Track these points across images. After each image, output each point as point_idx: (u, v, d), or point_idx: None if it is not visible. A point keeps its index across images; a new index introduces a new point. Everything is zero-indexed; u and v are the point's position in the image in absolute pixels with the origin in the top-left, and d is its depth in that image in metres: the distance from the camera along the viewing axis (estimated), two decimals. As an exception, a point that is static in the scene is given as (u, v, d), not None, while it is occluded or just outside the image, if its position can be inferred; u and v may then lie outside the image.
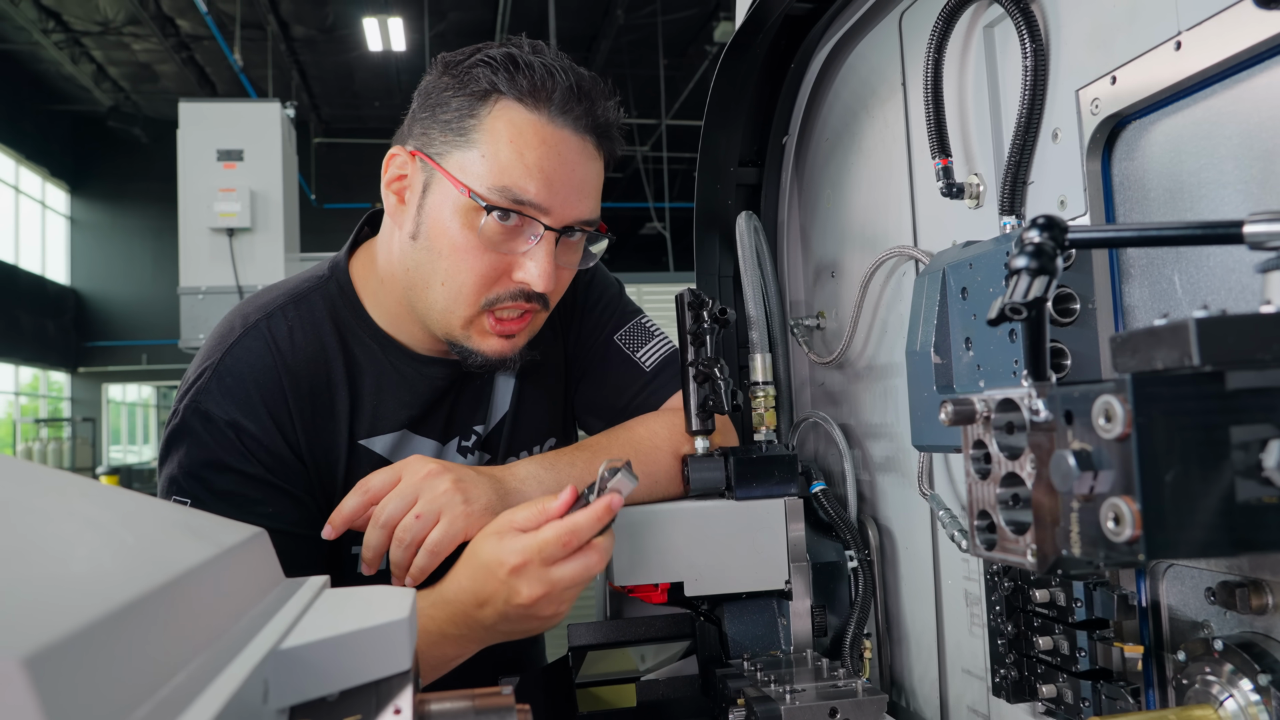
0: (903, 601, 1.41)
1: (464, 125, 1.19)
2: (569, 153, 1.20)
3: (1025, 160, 1.06)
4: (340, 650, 0.53)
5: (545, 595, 1.05)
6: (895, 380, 1.41)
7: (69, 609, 0.36)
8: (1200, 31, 0.82)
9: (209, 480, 1.19)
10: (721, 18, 12.36)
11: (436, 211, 1.21)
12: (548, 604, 1.06)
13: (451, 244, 1.20)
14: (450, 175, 1.19)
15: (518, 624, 1.09)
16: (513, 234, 1.20)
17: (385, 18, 11.26)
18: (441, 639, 1.11)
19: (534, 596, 1.04)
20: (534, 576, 1.04)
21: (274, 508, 1.20)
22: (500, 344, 1.26)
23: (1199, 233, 0.66)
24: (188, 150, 5.57)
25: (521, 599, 1.05)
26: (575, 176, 1.21)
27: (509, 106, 1.18)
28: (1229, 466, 0.54)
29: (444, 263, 1.21)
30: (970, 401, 0.68)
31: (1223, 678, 0.78)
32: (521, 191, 1.17)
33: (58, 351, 17.82)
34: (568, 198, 1.20)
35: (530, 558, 1.04)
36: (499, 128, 1.18)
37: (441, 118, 1.21)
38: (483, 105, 1.19)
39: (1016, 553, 0.65)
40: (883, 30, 1.42)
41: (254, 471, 1.20)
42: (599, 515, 1.05)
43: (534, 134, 1.18)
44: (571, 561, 1.05)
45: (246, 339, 1.25)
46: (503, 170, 1.17)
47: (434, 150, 1.22)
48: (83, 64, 14.78)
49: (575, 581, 1.06)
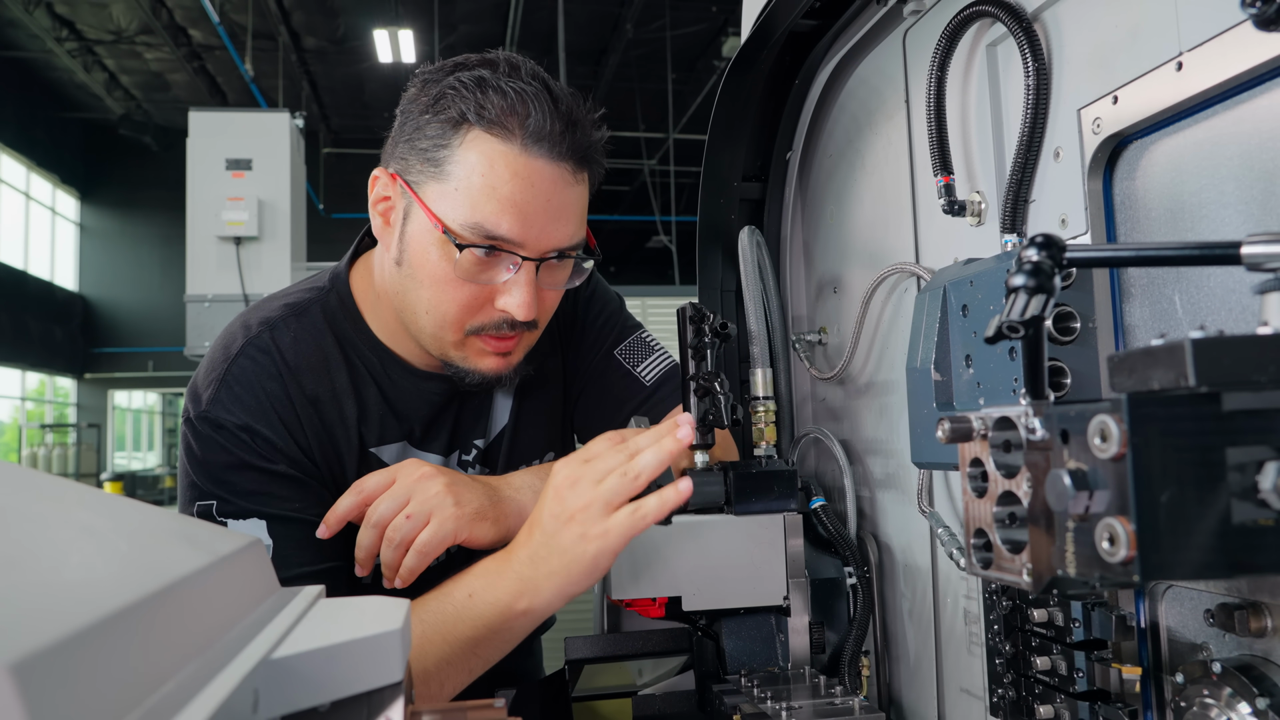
0: (901, 619, 1.40)
1: (438, 156, 1.16)
2: (542, 183, 1.16)
3: (1027, 178, 1.06)
4: (332, 660, 0.53)
5: (575, 479, 1.04)
6: (896, 397, 1.41)
7: (58, 616, 0.36)
8: (1202, 52, 0.82)
9: (231, 482, 1.18)
10: (730, 33, 12.43)
11: (417, 241, 1.19)
12: (576, 491, 1.04)
13: (432, 275, 1.19)
14: (427, 209, 1.17)
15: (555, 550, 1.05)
16: (490, 265, 1.18)
17: (396, 30, 11.33)
18: (488, 586, 1.09)
19: (564, 480, 1.05)
20: (571, 464, 1.07)
21: (300, 502, 1.20)
22: (496, 361, 1.25)
23: (1197, 253, 0.66)
24: (197, 158, 5.61)
25: (554, 484, 1.05)
26: (551, 206, 1.17)
27: (480, 137, 1.14)
28: (1225, 488, 0.53)
29: (426, 292, 1.20)
30: (967, 419, 0.68)
31: (1221, 701, 0.78)
32: (494, 227, 1.14)
33: (64, 357, 17.88)
34: (544, 228, 1.17)
35: (576, 453, 1.07)
36: (470, 159, 1.15)
37: (418, 145, 1.18)
38: (455, 135, 1.15)
39: (1012, 572, 0.65)
40: (886, 48, 1.42)
41: (275, 468, 1.20)
42: (663, 435, 1.07)
43: (505, 167, 1.14)
44: (616, 477, 1.04)
45: (250, 349, 1.25)
46: (474, 206, 1.14)
47: (412, 178, 1.19)
48: (95, 72, 14.89)
49: (606, 466, 1.05)
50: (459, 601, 1.07)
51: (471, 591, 1.08)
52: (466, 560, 1.41)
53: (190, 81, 14.75)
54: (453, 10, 12.51)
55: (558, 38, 8.99)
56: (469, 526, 1.14)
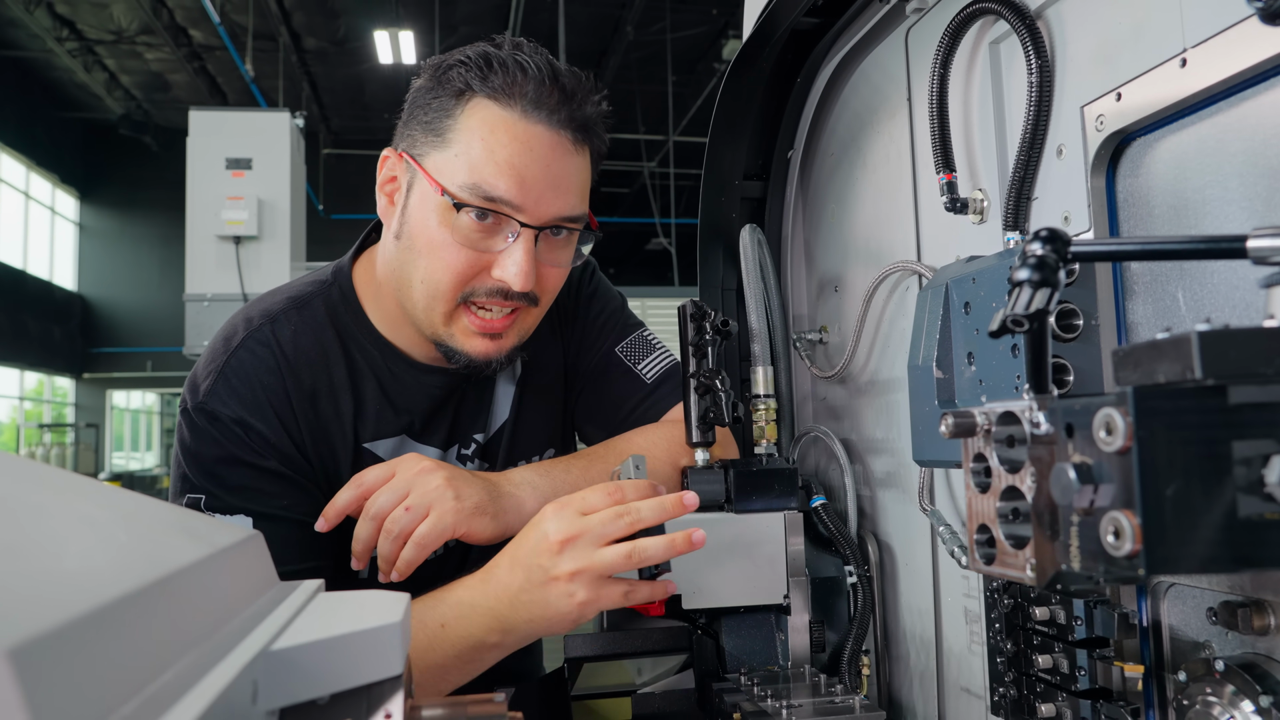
0: (902, 618, 1.40)
1: (441, 125, 1.20)
2: (542, 148, 1.18)
3: (1030, 176, 1.05)
4: (331, 653, 0.52)
5: (571, 539, 1.02)
6: (897, 395, 1.41)
7: (57, 603, 0.36)
8: (1206, 49, 0.82)
9: (222, 476, 1.19)
10: (730, 35, 12.44)
11: (417, 211, 1.22)
12: (571, 554, 1.02)
13: (429, 242, 1.20)
14: (427, 174, 1.20)
15: (540, 600, 1.03)
16: (490, 232, 1.19)
17: (396, 31, 11.34)
18: (461, 618, 1.07)
19: (560, 538, 1.02)
20: (567, 518, 1.03)
21: (288, 500, 1.21)
22: (485, 344, 1.25)
23: (1202, 247, 0.65)
24: (197, 158, 5.61)
25: (548, 541, 1.02)
26: (550, 172, 1.19)
27: (481, 104, 1.18)
28: (1231, 482, 0.53)
29: (422, 260, 1.21)
30: (971, 414, 0.68)
31: (1224, 699, 0.78)
32: (491, 188, 1.16)
33: (63, 357, 17.87)
34: (542, 194, 1.19)
35: (571, 502, 1.04)
36: (472, 125, 1.18)
37: (422, 119, 1.22)
38: (458, 105, 1.19)
39: (1016, 567, 0.64)
40: (889, 45, 1.42)
41: (267, 465, 1.21)
42: (646, 486, 1.06)
43: (505, 131, 1.17)
44: (620, 548, 1.03)
45: (250, 342, 1.25)
46: (474, 168, 1.17)
47: (416, 151, 1.22)
48: (95, 72, 14.89)
49: (604, 532, 1.03)
50: (431, 630, 1.07)
51: (444, 622, 1.07)
52: (464, 554, 1.41)
53: (190, 82, 14.75)
54: (453, 12, 12.53)
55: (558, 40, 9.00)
56: (468, 521, 1.14)
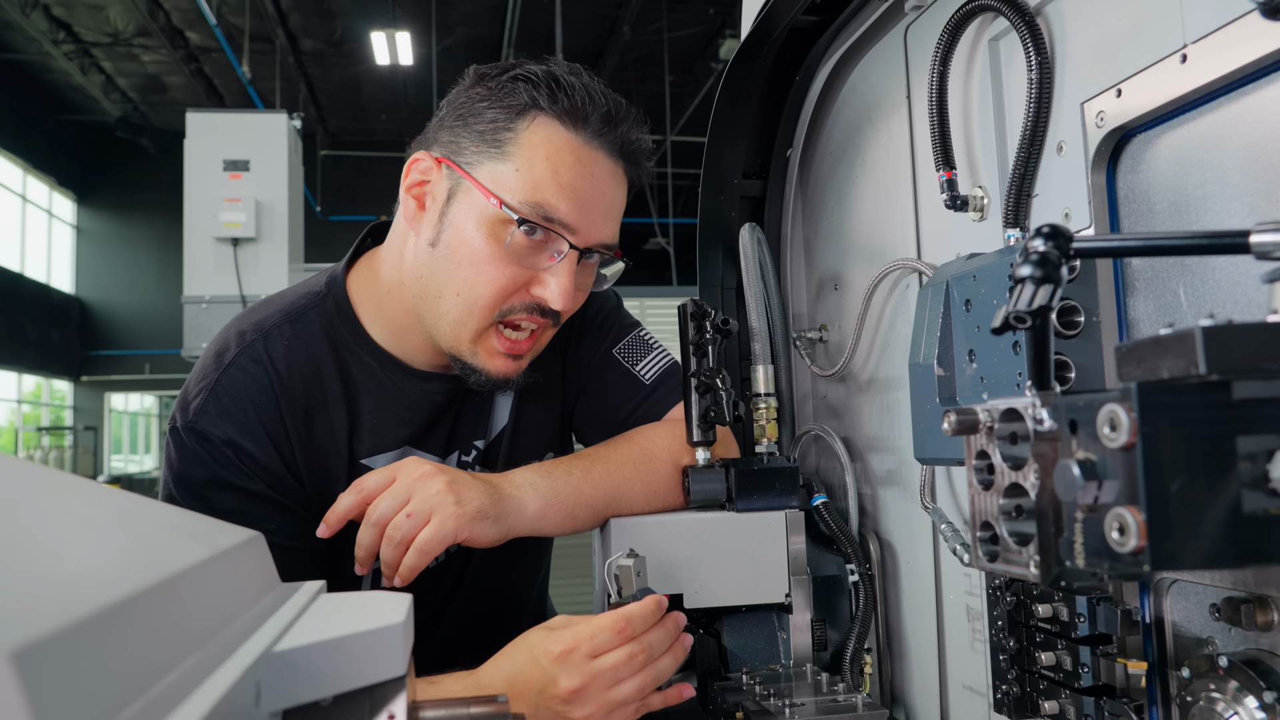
0: (904, 616, 1.40)
1: (499, 137, 1.19)
2: (601, 175, 1.22)
3: (1030, 173, 1.05)
4: (334, 654, 0.52)
5: (584, 688, 1.01)
6: (897, 393, 1.41)
7: (59, 605, 0.36)
8: (1207, 44, 0.82)
9: (210, 499, 1.18)
10: (727, 35, 12.44)
11: (460, 220, 1.21)
12: (584, 701, 1.01)
13: (473, 254, 1.20)
14: (481, 185, 1.19)
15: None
16: (537, 249, 1.20)
17: (393, 32, 11.32)
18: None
19: (571, 689, 1.01)
20: (577, 666, 1.01)
21: (275, 524, 1.20)
22: (506, 364, 1.26)
23: (1205, 242, 0.65)
24: (194, 160, 5.59)
25: (558, 689, 1.01)
26: (604, 199, 1.23)
27: (547, 123, 1.19)
28: (1235, 477, 0.53)
29: (462, 273, 1.21)
30: (973, 411, 0.68)
31: (1228, 695, 0.78)
32: (553, 209, 1.18)
33: (61, 360, 17.83)
34: (595, 219, 1.22)
35: (579, 644, 1.02)
36: (536, 143, 1.18)
37: (475, 128, 1.21)
38: (521, 120, 1.19)
39: (1019, 564, 0.64)
40: (888, 43, 1.42)
41: (255, 488, 1.20)
42: (652, 607, 1.05)
43: (570, 153, 1.19)
44: (633, 684, 1.03)
45: (242, 359, 1.24)
46: (536, 186, 1.18)
47: (464, 160, 1.21)
48: (92, 75, 14.87)
49: (617, 675, 1.02)
50: None
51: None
52: (466, 559, 1.40)
53: (187, 84, 14.73)
54: (450, 12, 12.51)
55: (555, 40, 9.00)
56: (470, 526, 1.14)
